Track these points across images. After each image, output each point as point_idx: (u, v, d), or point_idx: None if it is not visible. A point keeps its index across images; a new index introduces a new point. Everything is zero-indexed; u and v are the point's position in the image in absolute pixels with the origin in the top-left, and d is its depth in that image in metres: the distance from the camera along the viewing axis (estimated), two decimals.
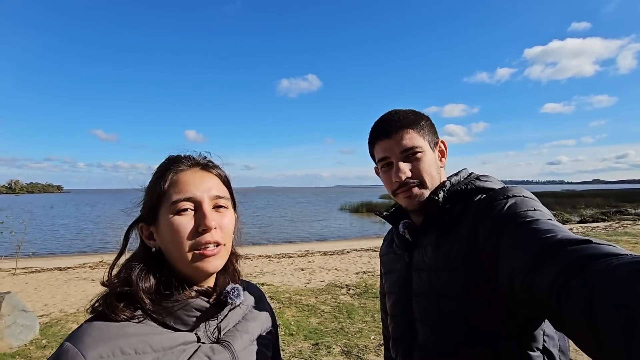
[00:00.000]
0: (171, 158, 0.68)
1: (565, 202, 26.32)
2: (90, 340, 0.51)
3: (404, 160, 0.81)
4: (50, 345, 3.66)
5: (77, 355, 0.49)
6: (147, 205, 0.64)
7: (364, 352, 3.36)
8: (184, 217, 0.60)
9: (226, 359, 0.61)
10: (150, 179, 0.66)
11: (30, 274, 7.44)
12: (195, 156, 0.69)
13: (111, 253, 9.62)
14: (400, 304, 0.85)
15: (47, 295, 5.65)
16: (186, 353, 0.57)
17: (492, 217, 0.67)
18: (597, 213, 18.73)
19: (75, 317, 4.53)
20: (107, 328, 0.54)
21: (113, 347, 0.51)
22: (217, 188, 0.66)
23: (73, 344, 0.51)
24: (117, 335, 0.53)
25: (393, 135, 0.82)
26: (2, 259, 9.43)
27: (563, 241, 0.52)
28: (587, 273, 0.44)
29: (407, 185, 0.80)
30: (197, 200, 0.62)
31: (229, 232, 0.66)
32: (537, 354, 0.66)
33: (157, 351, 0.55)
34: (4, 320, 3.65)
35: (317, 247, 11.07)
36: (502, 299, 0.63)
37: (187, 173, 0.65)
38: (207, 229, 0.60)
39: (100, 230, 18.00)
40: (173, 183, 0.62)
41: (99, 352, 0.50)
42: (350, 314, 4.44)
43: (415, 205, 0.82)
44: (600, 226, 13.57)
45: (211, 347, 0.61)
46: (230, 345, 0.63)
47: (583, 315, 0.42)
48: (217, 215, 0.64)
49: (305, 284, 6.08)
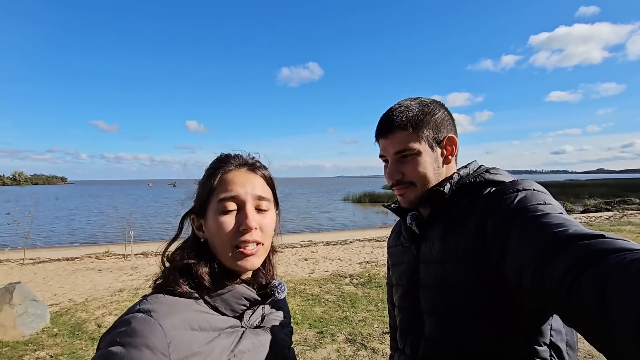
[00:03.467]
0: (222, 157, 0.72)
1: (569, 192, 26.19)
2: (163, 311, 0.55)
3: (398, 161, 0.82)
4: (62, 334, 3.75)
5: (154, 324, 0.52)
6: (198, 199, 0.70)
7: (367, 339, 3.42)
8: (228, 216, 0.65)
9: (268, 339, 0.67)
10: (203, 174, 0.72)
11: (38, 265, 7.56)
12: (244, 156, 0.73)
13: (117, 244, 9.74)
14: (408, 296, 0.86)
15: (55, 285, 5.75)
16: (236, 333, 0.63)
17: (502, 210, 0.67)
18: (600, 203, 18.66)
19: (85, 306, 4.63)
20: (176, 302, 0.58)
21: (183, 320, 0.56)
22: (261, 189, 0.70)
23: (147, 314, 0.53)
24: (186, 309, 0.58)
25: (389, 135, 0.82)
26: (10, 249, 9.57)
27: (575, 235, 0.51)
28: (599, 267, 0.43)
29: (399, 185, 0.82)
30: (241, 199, 0.66)
31: (269, 232, 0.70)
32: (543, 348, 0.66)
33: (214, 330, 0.60)
34: (16, 309, 3.74)
35: (321, 238, 11.13)
36: (510, 293, 0.63)
37: (235, 173, 0.69)
38: (247, 229, 0.64)
39: (105, 221, 18.18)
40: (221, 181, 0.67)
41: (172, 322, 0.54)
42: (354, 303, 4.50)
43: (407, 204, 0.84)
44: (603, 216, 13.54)
45: (255, 330, 0.67)
46: (267, 328, 0.70)
47: (594, 310, 0.41)
48: (259, 216, 0.68)
49: (309, 274, 6.14)
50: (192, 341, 0.55)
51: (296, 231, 14.61)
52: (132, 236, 8.47)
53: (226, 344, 0.60)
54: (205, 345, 0.56)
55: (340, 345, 3.34)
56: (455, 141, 0.84)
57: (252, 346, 0.64)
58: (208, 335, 0.58)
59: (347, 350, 3.23)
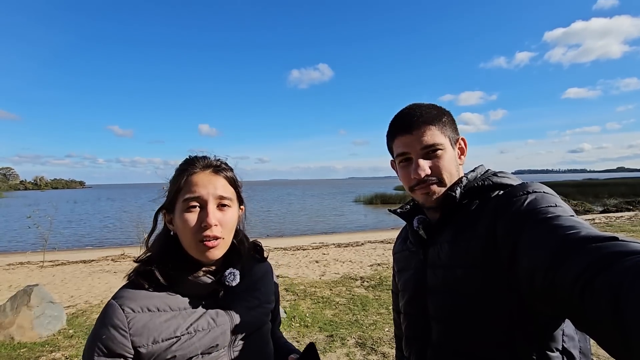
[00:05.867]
0: (189, 159, 0.80)
1: (587, 191, 25.43)
2: (126, 298, 0.71)
3: (424, 157, 0.80)
4: (77, 335, 3.83)
5: (117, 307, 0.69)
6: (168, 197, 0.79)
7: (378, 344, 3.38)
8: (192, 214, 0.74)
9: (226, 321, 0.77)
10: (172, 174, 0.81)
11: (57, 267, 7.78)
12: (210, 158, 0.81)
13: (132, 246, 9.94)
14: (414, 301, 0.84)
15: (73, 287, 5.90)
16: (196, 314, 0.74)
17: (512, 213, 0.65)
18: (621, 202, 18.05)
19: (100, 308, 4.72)
20: (137, 292, 0.73)
21: (141, 305, 0.71)
22: (223, 189, 0.78)
23: (114, 300, 0.71)
24: (144, 297, 0.72)
25: (414, 131, 0.80)
26: (31, 252, 9.88)
27: (587, 238, 0.50)
28: (613, 270, 0.42)
29: (426, 182, 0.79)
30: (203, 199, 0.75)
31: (229, 227, 0.78)
32: (556, 354, 0.64)
33: (173, 310, 0.73)
34: (33, 311, 3.84)
35: (332, 239, 11.12)
36: (521, 297, 0.61)
37: (199, 175, 0.77)
38: (207, 225, 0.73)
39: (121, 224, 18.60)
40: (187, 182, 0.76)
41: (132, 307, 0.69)
42: (365, 306, 4.46)
43: (432, 202, 0.81)
44: (624, 216, 13.08)
45: (216, 312, 0.77)
46: (230, 311, 0.78)
47: (608, 313, 0.40)
48: (220, 213, 0.76)
49: (320, 276, 6.13)
50: (149, 320, 0.70)
51: (307, 233, 14.63)
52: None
53: (182, 322, 0.72)
54: (163, 323, 0.70)
55: (350, 349, 3.31)
56: (466, 143, 0.86)
57: (208, 325, 0.74)
58: (166, 315, 0.71)
59: (357, 355, 3.19)
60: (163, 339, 0.69)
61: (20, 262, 8.47)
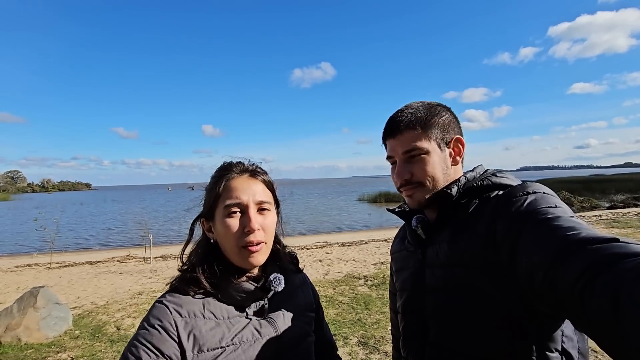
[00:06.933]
0: (225, 165, 0.80)
1: (594, 187, 25.11)
2: (173, 302, 0.70)
3: (407, 161, 0.81)
4: (83, 336, 3.88)
5: (165, 309, 0.68)
6: (207, 204, 0.79)
7: (380, 343, 3.37)
8: (233, 220, 0.73)
9: (270, 332, 0.75)
10: (209, 181, 0.80)
11: (64, 268, 7.88)
12: (245, 163, 0.81)
13: (138, 247, 10.02)
14: (412, 301, 0.84)
15: (79, 288, 5.97)
16: (240, 324, 0.72)
17: (511, 213, 0.65)
18: (628, 198, 17.83)
19: (105, 309, 4.77)
20: (182, 297, 0.71)
21: (188, 310, 0.69)
22: (262, 193, 0.77)
23: (161, 303, 0.70)
24: (189, 302, 0.71)
25: (398, 135, 0.81)
26: (38, 254, 10.00)
27: (587, 239, 0.50)
28: (614, 271, 0.42)
29: (407, 186, 0.81)
30: (244, 204, 0.74)
31: (270, 231, 0.78)
32: (555, 354, 0.64)
33: (217, 318, 0.71)
34: (40, 312, 3.89)
35: (336, 238, 11.13)
36: (520, 297, 0.62)
37: (237, 179, 0.77)
38: (251, 230, 0.72)
39: (126, 226, 18.76)
40: (226, 188, 0.75)
41: (179, 311, 0.69)
42: (368, 305, 4.46)
43: (415, 205, 0.82)
44: (632, 212, 12.91)
45: (259, 322, 0.75)
46: (274, 321, 0.77)
47: (608, 314, 0.41)
48: (261, 218, 0.76)
49: (324, 275, 6.13)
50: (195, 326, 0.68)
51: (311, 232, 14.63)
52: (152, 240, 8.70)
53: (226, 332, 0.70)
54: (208, 331, 0.68)
55: (352, 348, 3.31)
56: (462, 142, 0.84)
57: (252, 337, 0.72)
58: (210, 323, 0.69)
59: (360, 354, 3.19)
60: (208, 349, 0.67)
61: (28, 264, 8.60)
